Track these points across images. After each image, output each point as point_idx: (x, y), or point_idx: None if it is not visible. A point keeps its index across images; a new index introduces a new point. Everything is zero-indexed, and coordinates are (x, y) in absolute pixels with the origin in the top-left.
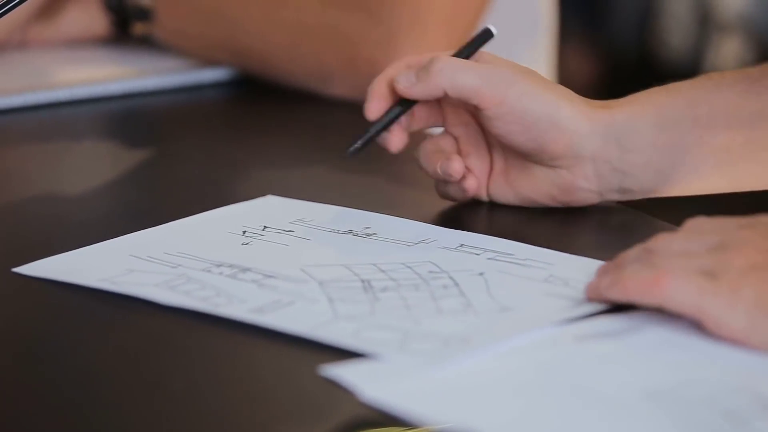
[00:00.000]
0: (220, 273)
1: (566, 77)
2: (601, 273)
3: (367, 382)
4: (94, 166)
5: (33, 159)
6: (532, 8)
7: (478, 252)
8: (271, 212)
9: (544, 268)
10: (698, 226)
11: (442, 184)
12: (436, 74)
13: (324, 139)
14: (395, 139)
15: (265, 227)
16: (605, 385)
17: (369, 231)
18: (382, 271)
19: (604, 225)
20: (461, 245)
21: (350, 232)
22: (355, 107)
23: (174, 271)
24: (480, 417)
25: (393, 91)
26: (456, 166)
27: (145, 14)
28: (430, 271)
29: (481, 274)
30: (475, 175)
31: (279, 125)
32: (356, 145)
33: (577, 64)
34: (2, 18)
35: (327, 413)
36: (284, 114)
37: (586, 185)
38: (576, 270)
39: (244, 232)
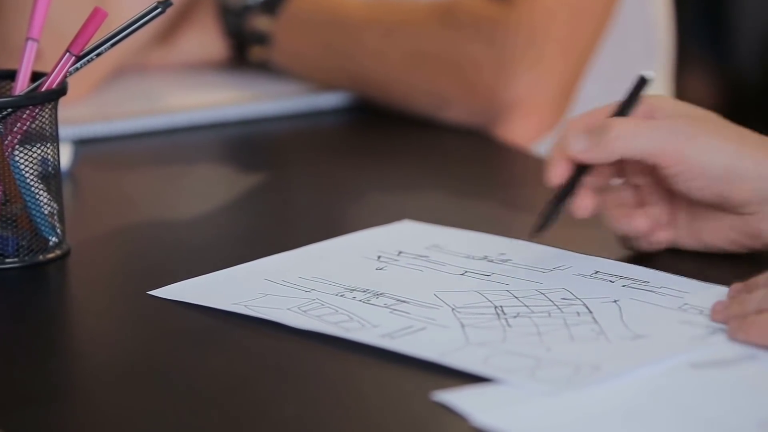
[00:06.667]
0: (354, 298)
1: None
2: (730, 296)
3: (478, 408)
4: (212, 191)
5: (151, 184)
6: (649, 33)
7: (612, 279)
8: (406, 237)
9: (679, 296)
10: None
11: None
12: (612, 141)
13: (442, 165)
14: (582, 204)
15: (400, 252)
16: (720, 414)
17: (504, 257)
18: (516, 297)
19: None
20: (596, 272)
21: (485, 258)
22: (472, 132)
23: (307, 296)
24: None
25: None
26: (639, 224)
27: (263, 39)
28: (564, 298)
29: (615, 301)
30: (659, 226)
31: (396, 151)
32: (547, 220)
33: (696, 93)
34: (121, 42)
35: None
36: (401, 139)
37: None
38: (711, 298)
39: (379, 257)
